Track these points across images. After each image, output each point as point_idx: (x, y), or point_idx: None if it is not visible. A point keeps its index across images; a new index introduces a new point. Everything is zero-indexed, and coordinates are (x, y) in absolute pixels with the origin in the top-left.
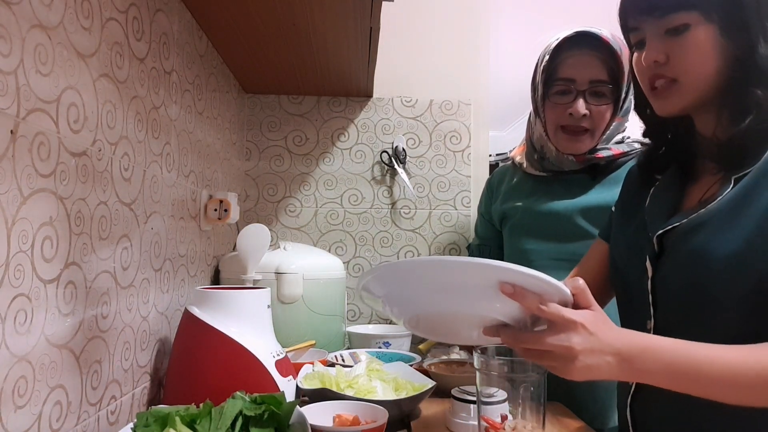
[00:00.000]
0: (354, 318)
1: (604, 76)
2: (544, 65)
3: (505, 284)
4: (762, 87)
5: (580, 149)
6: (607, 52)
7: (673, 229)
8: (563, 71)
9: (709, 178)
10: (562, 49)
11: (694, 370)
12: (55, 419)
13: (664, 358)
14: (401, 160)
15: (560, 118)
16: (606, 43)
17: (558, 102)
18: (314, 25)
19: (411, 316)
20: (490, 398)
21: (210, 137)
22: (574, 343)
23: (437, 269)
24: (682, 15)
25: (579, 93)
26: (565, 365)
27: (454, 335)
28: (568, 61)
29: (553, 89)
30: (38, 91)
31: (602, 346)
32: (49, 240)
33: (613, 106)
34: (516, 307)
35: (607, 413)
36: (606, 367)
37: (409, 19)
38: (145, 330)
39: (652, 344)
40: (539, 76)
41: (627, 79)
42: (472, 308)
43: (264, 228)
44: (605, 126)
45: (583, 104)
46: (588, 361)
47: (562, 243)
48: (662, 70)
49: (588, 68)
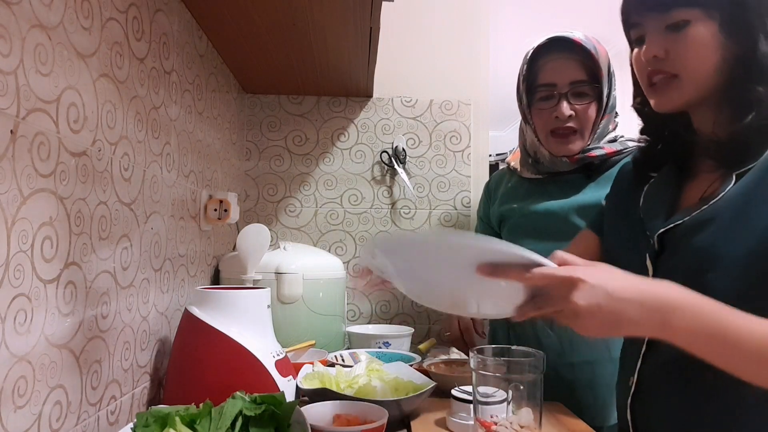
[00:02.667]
0: (354, 318)
1: (583, 75)
2: (524, 74)
3: (483, 266)
4: (763, 84)
5: (573, 150)
6: (581, 53)
7: (675, 227)
8: (543, 77)
9: (707, 176)
10: (538, 56)
11: (733, 337)
12: (55, 419)
13: (704, 320)
14: (401, 160)
15: (548, 122)
16: (579, 44)
17: (543, 107)
18: (314, 25)
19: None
20: (488, 398)
21: (210, 137)
22: (577, 300)
23: (423, 248)
24: (682, 11)
25: (561, 96)
26: (578, 324)
27: (463, 308)
28: (546, 66)
29: (537, 96)
30: (38, 91)
31: (612, 300)
32: (49, 240)
33: (598, 104)
34: (503, 282)
35: (607, 410)
36: (628, 322)
37: (409, 19)
38: (145, 330)
39: (692, 301)
40: (521, 86)
41: (607, 76)
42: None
43: (264, 228)
44: (593, 124)
45: (567, 106)
46: (599, 317)
47: (559, 242)
48: (661, 66)
49: (566, 71)
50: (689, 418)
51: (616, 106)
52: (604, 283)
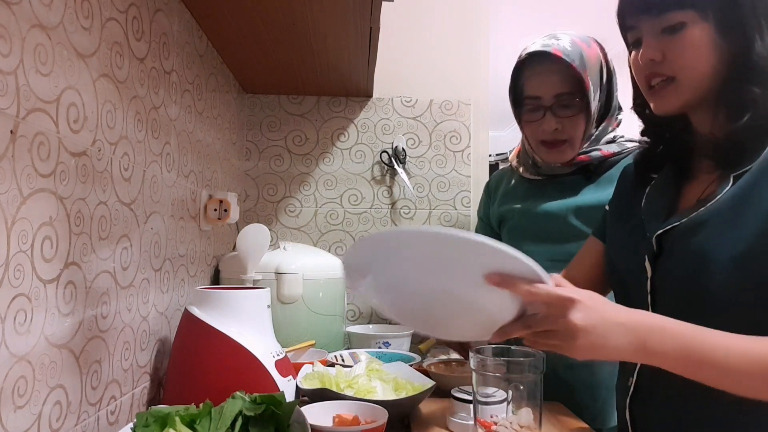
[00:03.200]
0: (354, 318)
1: (567, 88)
2: (510, 86)
3: (492, 274)
4: (759, 84)
5: (564, 159)
6: (563, 64)
7: (672, 228)
8: (528, 90)
9: (706, 177)
10: (522, 68)
11: (710, 356)
12: (55, 419)
13: (680, 341)
14: (401, 160)
15: (537, 133)
16: (559, 57)
17: (531, 119)
18: (314, 25)
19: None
20: (488, 398)
21: (210, 137)
22: (575, 319)
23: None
24: (678, 14)
25: (546, 109)
26: (569, 344)
27: (444, 328)
28: (531, 80)
29: (524, 108)
30: (38, 91)
31: (605, 323)
32: (49, 240)
33: (585, 115)
34: (506, 295)
35: (607, 412)
36: (613, 345)
37: (409, 19)
38: (145, 330)
39: (669, 325)
40: (510, 97)
41: (597, 83)
42: (459, 288)
43: (264, 228)
44: (582, 134)
45: (552, 119)
46: (591, 337)
47: (558, 244)
48: (659, 69)
49: (549, 84)
50: (688, 420)
51: (619, 106)
52: (597, 306)
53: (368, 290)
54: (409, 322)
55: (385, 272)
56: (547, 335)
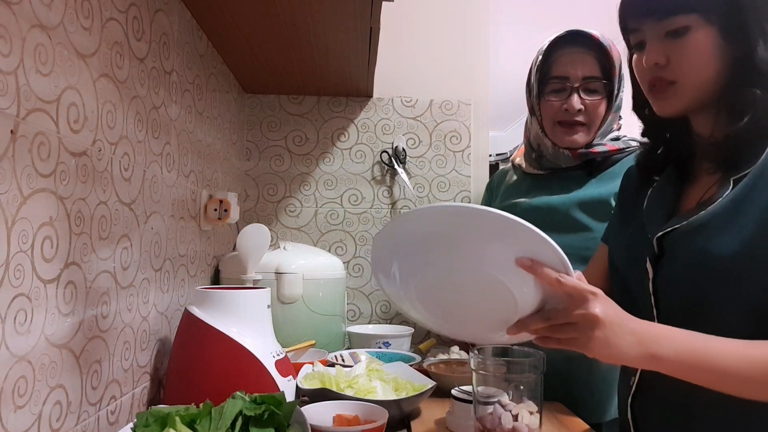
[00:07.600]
0: (354, 318)
1: (597, 72)
2: (539, 65)
3: (523, 258)
4: (760, 87)
5: (577, 142)
6: (597, 49)
7: (673, 230)
8: (557, 69)
9: (707, 179)
10: (554, 48)
11: (709, 362)
12: (55, 419)
13: (679, 347)
14: (401, 160)
15: (556, 114)
16: (596, 41)
17: (553, 99)
18: (314, 25)
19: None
20: (489, 398)
21: (210, 137)
22: (598, 311)
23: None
24: (682, 18)
25: (573, 89)
26: (587, 335)
27: (461, 322)
28: (561, 59)
29: (548, 87)
30: (38, 91)
31: (621, 321)
32: (49, 240)
33: (607, 101)
34: (530, 283)
35: (605, 405)
36: (624, 346)
37: (409, 19)
38: (145, 330)
39: (669, 333)
40: (534, 76)
41: (618, 75)
42: (485, 268)
43: (264, 228)
44: (600, 120)
45: (578, 99)
46: (608, 333)
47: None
48: (662, 72)
49: (580, 65)
50: (691, 417)
51: (621, 107)
52: (614, 304)
53: (393, 283)
54: (431, 312)
55: (410, 259)
56: (563, 329)
